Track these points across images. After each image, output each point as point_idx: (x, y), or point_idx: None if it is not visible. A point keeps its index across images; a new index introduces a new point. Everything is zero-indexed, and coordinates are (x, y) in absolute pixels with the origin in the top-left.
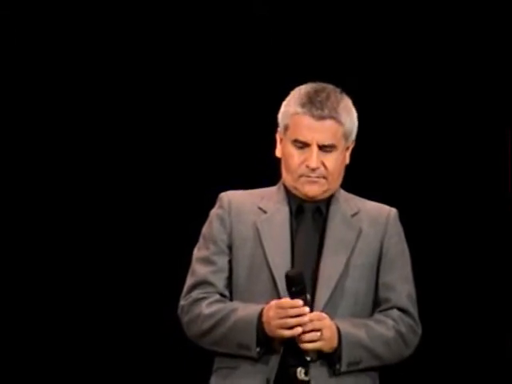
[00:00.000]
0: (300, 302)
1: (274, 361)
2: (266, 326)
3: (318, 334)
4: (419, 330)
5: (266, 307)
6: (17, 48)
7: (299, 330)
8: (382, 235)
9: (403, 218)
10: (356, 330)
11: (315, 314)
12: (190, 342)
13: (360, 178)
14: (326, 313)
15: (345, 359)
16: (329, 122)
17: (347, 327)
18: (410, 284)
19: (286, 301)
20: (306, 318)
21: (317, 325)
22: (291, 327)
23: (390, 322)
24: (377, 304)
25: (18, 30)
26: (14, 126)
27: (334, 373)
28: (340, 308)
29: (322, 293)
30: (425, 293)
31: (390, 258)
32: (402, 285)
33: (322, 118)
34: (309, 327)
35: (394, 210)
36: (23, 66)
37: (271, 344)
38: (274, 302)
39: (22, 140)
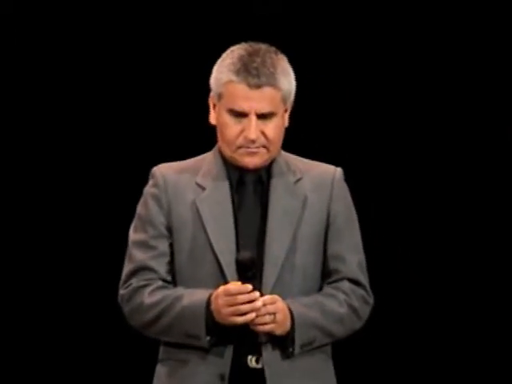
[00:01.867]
0: (249, 286)
1: (228, 352)
2: (215, 313)
3: (272, 317)
4: (371, 300)
5: (214, 294)
6: (17, 48)
7: (253, 315)
8: (328, 202)
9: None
10: (308, 310)
11: (268, 297)
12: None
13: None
14: (276, 292)
15: (298, 341)
16: (266, 90)
17: (300, 308)
18: (359, 253)
19: (234, 287)
20: (258, 303)
21: (270, 308)
22: (244, 313)
23: (342, 296)
24: (326, 275)
25: (18, 30)
26: (12, 125)
27: (288, 356)
28: (290, 285)
29: (270, 271)
30: (376, 259)
31: (337, 227)
32: (351, 254)
33: (258, 86)
34: (262, 311)
35: (338, 171)
36: (23, 66)
37: (222, 331)
38: (221, 289)
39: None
